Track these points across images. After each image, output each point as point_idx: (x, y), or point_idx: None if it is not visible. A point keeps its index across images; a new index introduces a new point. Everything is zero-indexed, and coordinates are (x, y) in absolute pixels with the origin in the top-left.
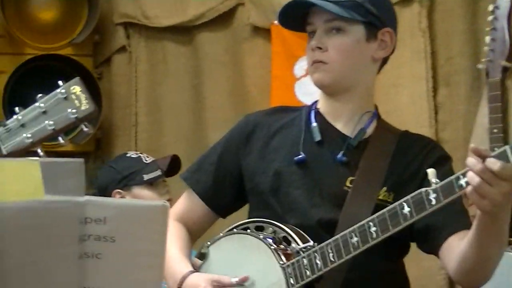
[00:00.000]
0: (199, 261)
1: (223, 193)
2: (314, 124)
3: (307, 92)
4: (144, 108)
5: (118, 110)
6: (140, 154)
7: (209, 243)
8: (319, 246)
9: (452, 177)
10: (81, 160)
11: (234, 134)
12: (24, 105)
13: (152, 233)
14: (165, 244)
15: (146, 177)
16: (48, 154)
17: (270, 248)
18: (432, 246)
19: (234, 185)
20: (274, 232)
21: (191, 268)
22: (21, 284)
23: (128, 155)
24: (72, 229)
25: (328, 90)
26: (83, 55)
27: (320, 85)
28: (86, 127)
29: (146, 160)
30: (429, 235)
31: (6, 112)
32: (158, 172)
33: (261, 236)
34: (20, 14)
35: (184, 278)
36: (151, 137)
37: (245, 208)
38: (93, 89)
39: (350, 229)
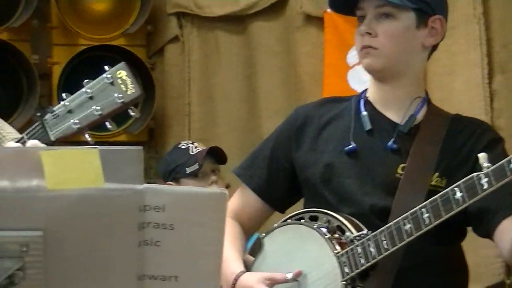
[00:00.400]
0: (251, 258)
1: (278, 187)
2: (364, 113)
3: (360, 80)
4: (197, 98)
5: (171, 100)
6: (190, 145)
7: (263, 234)
8: (372, 234)
9: (504, 160)
10: (140, 147)
11: (285, 128)
12: None
13: (210, 220)
14: (223, 231)
15: (188, 170)
16: (102, 144)
17: (324, 238)
18: (486, 229)
19: (288, 178)
20: (328, 221)
21: (243, 268)
22: (81, 271)
23: (179, 145)
24: (132, 216)
25: (378, 75)
26: (136, 45)
27: (370, 70)
28: (133, 111)
29: (193, 152)
30: (483, 219)
31: (60, 101)
32: (196, 166)
33: (315, 226)
34: (74, 5)
35: (236, 279)
36: (204, 127)
37: (301, 200)
38: (146, 80)
39: (403, 216)
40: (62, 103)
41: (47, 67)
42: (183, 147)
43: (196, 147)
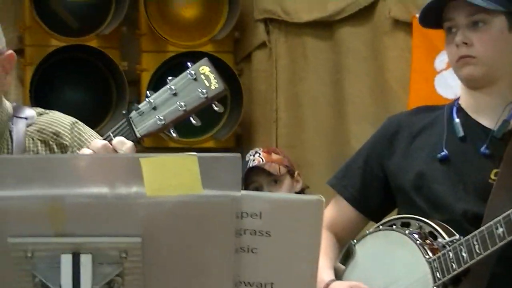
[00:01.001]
0: (342, 267)
1: (372, 196)
2: (457, 120)
3: (447, 85)
4: (284, 103)
5: (258, 106)
6: (251, 155)
7: (355, 241)
8: (464, 238)
9: None
10: (238, 154)
11: (378, 137)
12: None
13: (307, 227)
14: (319, 238)
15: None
16: (189, 150)
17: (416, 243)
18: None
19: (382, 187)
20: (420, 227)
21: (333, 277)
22: (178, 277)
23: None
24: (229, 223)
25: (477, 84)
26: (223, 51)
27: (470, 80)
28: (217, 106)
29: (248, 165)
30: None
31: None
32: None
33: (407, 232)
34: (162, 12)
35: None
36: (292, 132)
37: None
38: (234, 86)
39: (495, 220)
40: (146, 100)
41: (136, 73)
42: (246, 158)
43: (254, 154)
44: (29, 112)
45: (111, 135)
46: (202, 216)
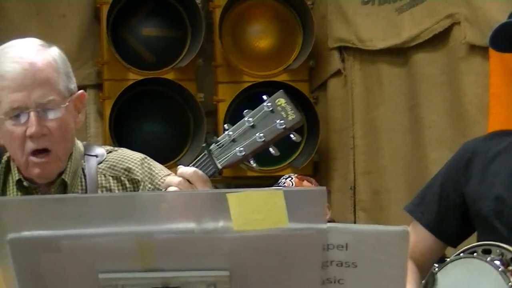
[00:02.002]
0: None
1: (449, 222)
2: None
3: None
4: (360, 130)
5: (334, 133)
6: (283, 178)
7: (436, 269)
8: None
9: None
10: (323, 188)
11: (453, 163)
12: None
13: (393, 258)
14: (406, 269)
15: None
16: (268, 179)
17: (498, 270)
18: None
19: (459, 212)
20: (502, 254)
21: None
22: None
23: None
24: (315, 255)
25: None
26: (299, 80)
27: None
28: (294, 136)
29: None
30: None
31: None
32: None
33: (488, 259)
34: (237, 43)
35: None
36: (369, 159)
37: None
38: (310, 114)
39: None
40: (225, 133)
41: (212, 104)
42: (279, 180)
43: (283, 183)
44: (99, 150)
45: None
46: (288, 249)
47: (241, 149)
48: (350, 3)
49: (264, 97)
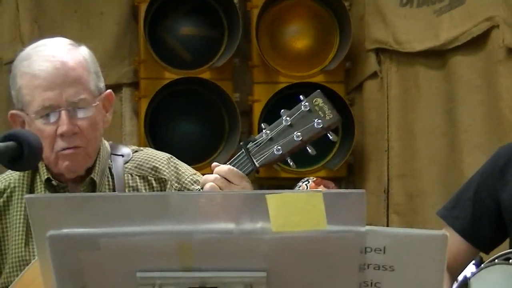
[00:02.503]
0: None
1: (482, 228)
2: None
3: None
4: (396, 133)
5: (370, 135)
6: (301, 181)
7: (470, 275)
8: None
9: None
10: (363, 191)
11: (488, 168)
12: None
13: (431, 262)
14: (443, 273)
15: None
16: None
17: None
18: None
19: (493, 218)
20: None
21: None
22: None
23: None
24: (353, 258)
25: None
26: (335, 82)
27: None
28: (331, 135)
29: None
30: None
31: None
32: None
33: None
34: (274, 44)
35: None
36: (404, 162)
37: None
38: (345, 115)
39: None
40: (263, 131)
41: (248, 104)
42: (298, 182)
43: (299, 186)
44: (125, 149)
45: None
46: (326, 251)
47: (279, 147)
48: (388, 4)
49: (301, 97)
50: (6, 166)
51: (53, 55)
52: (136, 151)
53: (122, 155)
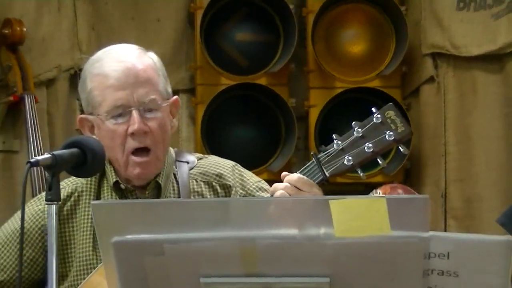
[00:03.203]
0: None
1: None
2: None
3: None
4: (453, 137)
5: (426, 140)
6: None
7: None
8: None
9: None
10: (426, 196)
11: None
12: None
13: (495, 267)
14: (508, 279)
15: None
16: (358, 184)
17: None
18: None
19: None
20: None
21: None
22: None
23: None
24: (417, 263)
25: None
26: (391, 86)
27: None
28: (402, 148)
29: None
30: None
31: (317, 143)
32: None
33: None
34: (330, 49)
35: None
36: (461, 166)
37: None
38: None
39: None
40: (334, 142)
41: (304, 110)
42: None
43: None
44: (190, 157)
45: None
46: (390, 257)
47: (349, 158)
48: (445, 8)
49: (373, 109)
50: (69, 173)
51: (124, 57)
52: (201, 158)
53: (187, 162)
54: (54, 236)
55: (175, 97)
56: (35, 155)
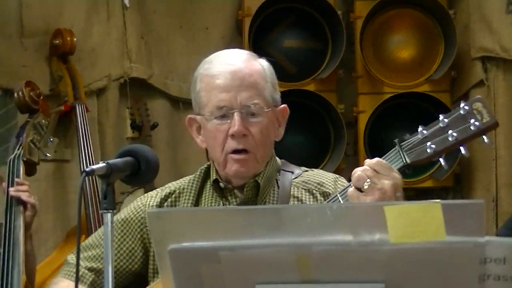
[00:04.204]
0: None
1: None
2: None
3: None
4: (504, 141)
5: (477, 144)
6: None
7: None
8: None
9: None
10: (481, 201)
11: None
12: (383, 144)
13: None
14: None
15: None
16: (407, 189)
17: None
18: None
19: None
20: None
21: None
22: None
23: None
24: (472, 269)
25: None
26: (440, 91)
27: None
28: (464, 150)
29: None
30: None
31: (366, 148)
32: None
33: None
34: (378, 54)
35: None
36: None
37: None
38: None
39: None
40: (418, 131)
41: (352, 115)
42: None
43: None
44: (296, 169)
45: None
46: (445, 262)
47: (432, 146)
48: (494, 12)
49: (462, 102)
50: (124, 181)
51: (232, 60)
52: (307, 171)
53: (292, 172)
54: (110, 246)
55: (283, 105)
56: (86, 164)
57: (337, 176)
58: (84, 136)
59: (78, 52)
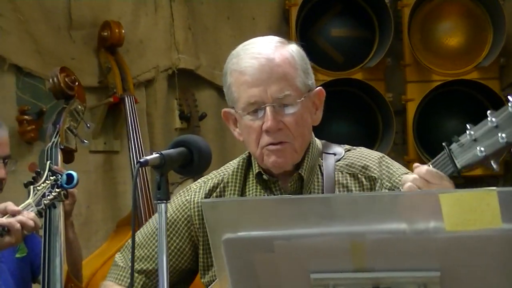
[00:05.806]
0: None
1: None
2: None
3: None
4: None
5: None
6: None
7: None
8: None
9: None
10: None
11: None
12: (431, 133)
13: None
14: None
15: None
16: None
17: None
18: None
19: None
20: None
21: None
22: None
23: None
24: None
25: None
26: (489, 78)
27: None
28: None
29: None
30: None
31: (415, 137)
32: None
33: None
34: (426, 42)
35: None
36: None
37: None
38: None
39: None
40: (467, 132)
41: (401, 104)
42: None
43: None
44: (337, 149)
45: (430, 165)
46: (501, 250)
47: (482, 149)
48: None
49: (509, 97)
50: (177, 172)
51: (259, 52)
52: (349, 150)
53: (334, 154)
54: (164, 236)
55: (319, 88)
56: (135, 156)
57: (381, 155)
58: (133, 127)
59: (126, 44)
